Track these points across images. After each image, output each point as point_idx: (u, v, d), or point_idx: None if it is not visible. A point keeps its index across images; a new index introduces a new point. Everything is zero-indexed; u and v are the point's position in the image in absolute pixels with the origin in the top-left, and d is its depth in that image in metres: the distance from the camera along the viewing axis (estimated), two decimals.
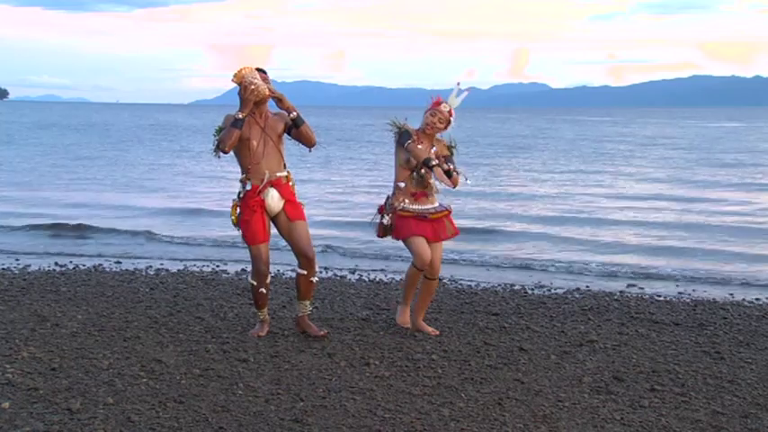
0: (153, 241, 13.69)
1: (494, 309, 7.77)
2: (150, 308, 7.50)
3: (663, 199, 20.03)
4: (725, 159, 34.09)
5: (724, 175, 26.68)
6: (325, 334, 6.41)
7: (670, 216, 17.02)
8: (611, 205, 18.88)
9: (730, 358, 6.16)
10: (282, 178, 6.31)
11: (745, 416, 4.91)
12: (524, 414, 4.83)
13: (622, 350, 6.32)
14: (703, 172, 27.86)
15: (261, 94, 6.12)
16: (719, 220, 16.33)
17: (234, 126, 6.14)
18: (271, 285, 6.57)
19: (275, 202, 6.25)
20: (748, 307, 8.24)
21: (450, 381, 5.43)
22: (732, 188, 22.60)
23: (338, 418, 4.69)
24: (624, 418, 4.80)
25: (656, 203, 19.20)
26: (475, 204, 18.42)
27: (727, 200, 19.86)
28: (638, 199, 20.20)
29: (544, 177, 26.41)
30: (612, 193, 21.45)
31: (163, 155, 36.66)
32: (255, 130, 6.21)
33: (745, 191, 21.77)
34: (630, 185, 23.76)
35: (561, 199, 20.19)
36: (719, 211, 17.92)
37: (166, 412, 4.72)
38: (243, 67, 6.20)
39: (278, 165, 6.28)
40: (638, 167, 30.39)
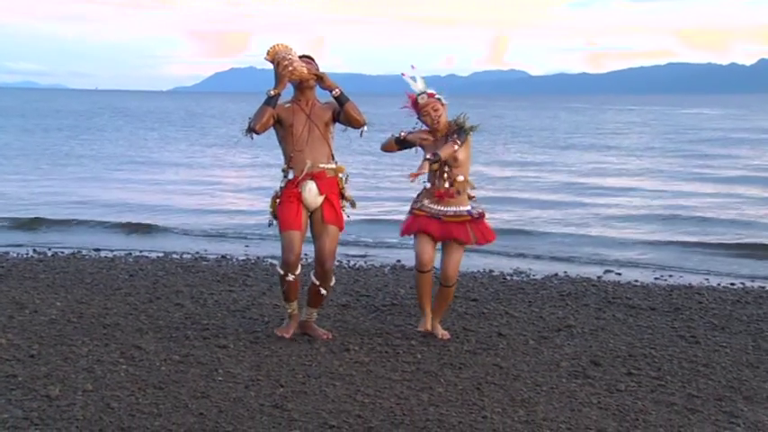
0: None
1: (473, 294, 7.80)
2: (130, 295, 7.47)
3: (641, 189, 20.11)
4: (702, 148, 34.31)
5: (702, 164, 26.85)
6: (331, 338, 5.97)
7: (648, 202, 17.13)
8: (589, 191, 18.97)
9: (705, 342, 6.21)
10: (327, 171, 5.83)
11: (719, 399, 4.96)
12: (503, 398, 4.85)
13: (599, 335, 6.36)
14: (681, 161, 28.01)
15: (297, 72, 5.69)
16: (698, 204, 16.49)
17: (266, 104, 5.75)
18: (300, 277, 5.94)
19: (312, 196, 5.79)
20: (723, 292, 8.31)
21: (430, 366, 5.45)
22: (709, 179, 22.70)
23: (318, 403, 4.70)
24: (601, 402, 4.84)
25: (635, 189, 19.31)
26: None
27: (705, 188, 19.96)
28: (615, 188, 20.29)
29: (522, 161, 26.49)
30: (590, 180, 21.51)
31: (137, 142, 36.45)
32: (300, 117, 5.79)
33: (722, 182, 21.88)
34: (610, 170, 23.85)
35: (540, 184, 20.26)
36: (698, 194, 18.09)
37: (146, 398, 4.71)
38: (277, 44, 5.82)
39: (323, 155, 5.81)
40: (619, 155, 30.52)
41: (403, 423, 4.43)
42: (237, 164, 26.41)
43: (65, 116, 61.45)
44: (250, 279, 8.40)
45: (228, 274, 8.69)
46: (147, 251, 10.66)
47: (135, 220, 14.03)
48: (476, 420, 4.49)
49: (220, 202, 17.24)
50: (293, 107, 5.82)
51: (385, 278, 8.60)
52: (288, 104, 5.85)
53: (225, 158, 28.23)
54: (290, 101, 5.88)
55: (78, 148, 31.19)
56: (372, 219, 13.77)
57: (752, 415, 4.69)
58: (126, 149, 31.24)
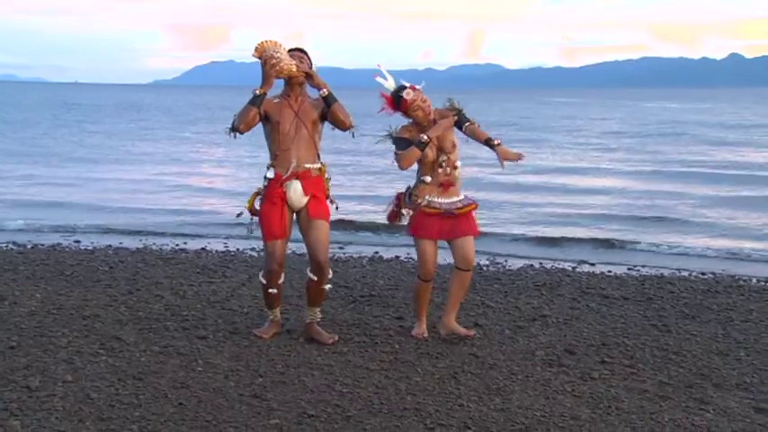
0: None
1: (448, 285, 7.79)
2: (109, 286, 7.42)
3: (615, 174, 20.20)
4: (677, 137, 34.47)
5: (678, 154, 26.97)
6: (335, 341, 5.69)
7: (622, 193, 17.20)
8: (565, 181, 19.03)
9: (677, 331, 6.26)
10: (312, 170, 5.56)
11: (689, 386, 5.00)
12: (479, 387, 4.87)
13: (574, 324, 6.39)
14: (658, 150, 28.11)
15: (285, 70, 5.42)
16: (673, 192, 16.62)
17: (251, 103, 5.47)
18: (283, 285, 5.82)
19: (297, 196, 5.52)
20: (694, 281, 8.38)
21: (407, 356, 5.46)
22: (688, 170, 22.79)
23: (297, 393, 4.69)
24: (575, 390, 4.86)
25: (609, 179, 19.39)
26: None
27: (682, 177, 20.06)
28: (591, 175, 20.37)
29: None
30: (567, 167, 21.57)
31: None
32: (287, 114, 5.50)
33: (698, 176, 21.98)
34: (586, 160, 23.93)
35: (516, 176, 20.28)
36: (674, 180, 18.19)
37: (126, 389, 4.69)
38: (265, 40, 5.53)
39: (308, 154, 5.54)
40: (596, 145, 30.65)
41: (381, 412, 4.43)
42: (216, 159, 26.31)
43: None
44: (229, 271, 8.37)
45: (208, 265, 8.66)
46: (128, 243, 10.60)
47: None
48: (452, 408, 4.50)
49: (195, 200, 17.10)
50: (282, 103, 5.55)
51: (363, 269, 8.59)
52: (276, 100, 5.58)
53: (204, 154, 28.11)
54: (280, 96, 5.61)
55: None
56: (351, 210, 13.75)
57: (721, 401, 4.74)
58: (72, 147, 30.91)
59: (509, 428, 4.26)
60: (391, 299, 7.14)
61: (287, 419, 4.30)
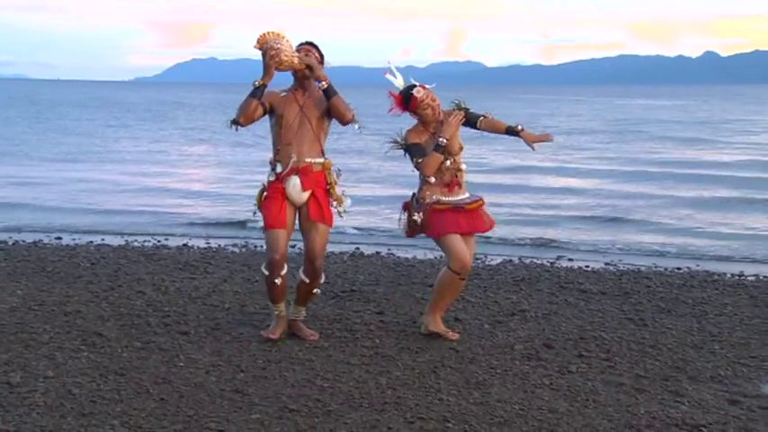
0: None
1: (430, 280, 7.80)
2: (91, 282, 7.38)
3: (595, 175, 20.27)
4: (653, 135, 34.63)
5: (652, 150, 27.10)
6: (315, 338, 5.64)
7: (600, 189, 17.27)
8: (541, 178, 19.09)
9: (653, 325, 6.30)
10: (314, 165, 5.41)
11: (665, 379, 5.03)
12: (458, 381, 4.88)
13: (552, 319, 6.42)
14: (635, 148, 28.24)
15: (285, 62, 5.29)
16: (647, 191, 16.67)
17: (251, 95, 5.33)
18: (286, 278, 5.53)
19: (296, 192, 5.39)
20: (670, 276, 8.43)
21: (388, 350, 5.46)
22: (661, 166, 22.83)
23: (278, 387, 4.69)
24: (553, 383, 4.88)
25: (585, 177, 19.46)
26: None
27: (656, 173, 20.14)
28: (569, 174, 20.44)
29: (493, 149, 26.60)
30: (544, 166, 21.63)
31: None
32: (292, 108, 5.38)
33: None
34: (563, 158, 24.00)
35: (493, 171, 20.32)
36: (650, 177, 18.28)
37: (107, 384, 4.67)
38: (267, 32, 5.39)
39: (311, 149, 5.39)
40: (573, 144, 30.75)
41: (361, 406, 4.44)
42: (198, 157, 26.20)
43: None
44: (211, 267, 8.35)
45: (190, 261, 8.62)
46: (109, 239, 10.54)
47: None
48: (432, 402, 4.51)
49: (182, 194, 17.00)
50: (288, 97, 5.43)
51: (344, 265, 8.59)
52: (284, 93, 5.47)
53: (186, 152, 27.98)
54: (288, 89, 5.50)
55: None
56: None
57: (696, 393, 4.77)
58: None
59: (488, 422, 4.27)
60: (372, 294, 7.14)
61: (268, 414, 4.30)
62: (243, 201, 14.84)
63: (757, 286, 7.89)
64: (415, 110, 5.55)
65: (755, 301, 7.20)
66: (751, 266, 9.39)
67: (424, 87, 5.56)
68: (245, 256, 9.10)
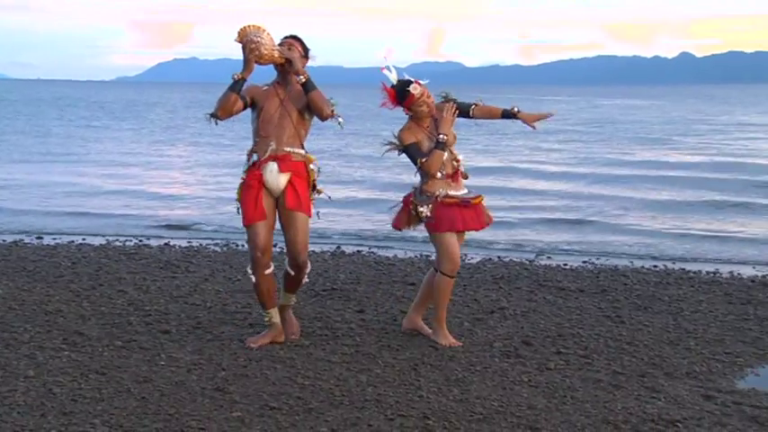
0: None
1: (410, 279, 7.82)
2: (72, 282, 7.33)
3: (572, 176, 20.30)
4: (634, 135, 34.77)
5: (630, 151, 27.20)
6: (297, 337, 5.55)
7: (576, 189, 17.32)
8: (519, 178, 19.13)
9: (630, 322, 6.33)
10: (293, 155, 5.26)
11: (642, 375, 5.07)
12: (438, 378, 4.89)
13: (531, 316, 6.44)
14: (609, 149, 28.33)
15: (265, 55, 5.17)
16: (621, 192, 16.69)
17: (230, 89, 5.21)
18: (273, 278, 5.40)
19: (273, 176, 5.20)
20: (647, 273, 8.48)
21: (368, 348, 5.46)
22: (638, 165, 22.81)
23: (259, 385, 4.68)
24: (532, 380, 4.90)
25: (564, 176, 19.51)
26: (393, 176, 18.47)
27: (632, 173, 20.16)
28: (545, 175, 20.49)
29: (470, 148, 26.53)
30: (522, 166, 21.68)
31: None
32: (273, 101, 5.27)
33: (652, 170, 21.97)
34: (540, 159, 24.06)
35: (472, 172, 20.19)
36: (625, 179, 18.33)
37: (88, 383, 4.64)
38: (247, 25, 5.26)
39: (290, 141, 5.26)
40: (549, 144, 30.84)
41: (342, 404, 4.43)
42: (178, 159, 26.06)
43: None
44: (192, 266, 8.31)
45: (171, 260, 8.59)
46: (90, 239, 10.47)
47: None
48: (412, 399, 4.52)
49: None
50: (269, 90, 5.33)
51: (325, 264, 8.58)
52: (266, 87, 5.38)
53: (168, 152, 27.81)
54: (271, 83, 5.41)
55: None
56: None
57: (672, 390, 4.81)
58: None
59: (467, 418, 4.28)
60: (353, 293, 7.13)
61: (249, 412, 4.29)
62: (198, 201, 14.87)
63: (731, 283, 7.96)
64: (411, 106, 5.46)
65: (730, 298, 7.26)
66: (725, 264, 9.45)
67: (419, 84, 5.47)
68: (226, 255, 9.07)
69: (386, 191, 15.86)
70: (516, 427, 4.18)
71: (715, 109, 62.60)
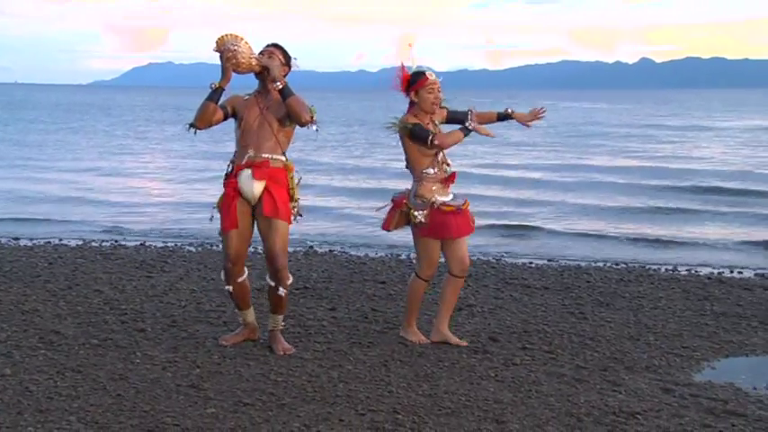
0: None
1: (381, 277, 7.83)
2: (49, 282, 7.25)
3: (537, 169, 20.37)
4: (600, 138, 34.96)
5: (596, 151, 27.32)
6: (291, 352, 5.23)
7: (537, 187, 17.40)
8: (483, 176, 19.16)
9: (592, 318, 6.38)
10: (271, 161, 5.05)
11: (604, 369, 5.10)
12: (408, 374, 4.89)
13: (497, 313, 6.46)
14: (577, 151, 28.46)
15: (243, 64, 5.00)
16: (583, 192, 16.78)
17: (208, 99, 5.03)
18: (246, 284, 5.28)
19: (248, 183, 5.00)
20: (609, 271, 8.55)
21: (340, 345, 5.45)
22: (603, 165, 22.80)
23: (233, 382, 4.65)
24: (498, 375, 4.92)
25: (527, 175, 19.57)
26: (369, 181, 18.48)
27: (594, 172, 20.25)
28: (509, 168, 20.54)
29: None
30: (486, 163, 21.70)
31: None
32: (253, 111, 5.09)
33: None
34: (507, 158, 24.10)
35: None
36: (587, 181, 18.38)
37: (64, 381, 4.58)
38: (225, 34, 5.06)
39: (269, 148, 5.06)
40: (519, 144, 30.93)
41: (314, 399, 4.42)
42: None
43: None
44: (168, 265, 8.25)
45: (147, 260, 8.52)
46: (67, 239, 10.36)
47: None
48: (382, 395, 4.51)
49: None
50: (250, 100, 5.15)
51: (298, 263, 8.55)
52: (247, 96, 5.20)
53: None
54: (253, 92, 5.22)
55: None
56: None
57: (632, 383, 4.84)
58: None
59: (436, 413, 4.28)
60: (325, 291, 7.12)
61: (223, 408, 4.26)
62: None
63: (689, 280, 8.05)
64: (420, 90, 5.29)
65: (687, 294, 7.33)
66: (683, 262, 9.54)
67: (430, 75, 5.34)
68: (201, 255, 9.02)
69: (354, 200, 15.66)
70: (483, 421, 4.19)
71: (671, 113, 62.97)
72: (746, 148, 28.46)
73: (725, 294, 7.34)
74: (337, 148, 27.48)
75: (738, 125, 43.41)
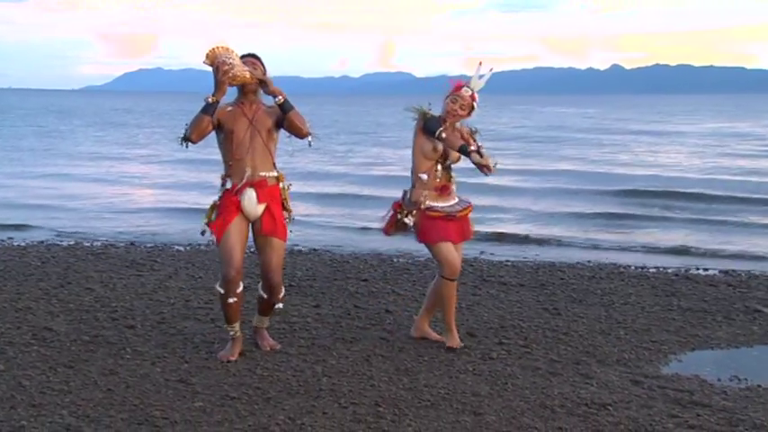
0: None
1: (363, 275, 7.82)
2: (42, 280, 7.19)
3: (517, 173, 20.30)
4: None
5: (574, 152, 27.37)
6: (277, 348, 5.21)
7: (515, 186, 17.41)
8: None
9: (566, 314, 6.40)
10: (269, 179, 4.91)
11: (576, 363, 5.12)
12: (389, 368, 4.89)
13: (475, 309, 6.48)
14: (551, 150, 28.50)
15: (239, 77, 4.79)
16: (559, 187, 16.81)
17: (204, 112, 4.78)
18: (243, 294, 5.09)
19: (252, 205, 4.84)
20: (581, 269, 8.58)
21: (324, 341, 5.44)
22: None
23: (220, 377, 4.64)
24: (476, 369, 4.93)
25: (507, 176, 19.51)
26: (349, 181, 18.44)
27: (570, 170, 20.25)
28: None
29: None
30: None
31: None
32: (242, 123, 4.84)
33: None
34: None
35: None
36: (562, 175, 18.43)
37: (57, 376, 4.56)
38: (216, 46, 4.84)
39: (264, 163, 4.88)
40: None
41: (298, 393, 4.41)
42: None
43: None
44: (157, 264, 8.21)
45: (137, 260, 8.47)
46: (59, 239, 10.28)
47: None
48: (365, 388, 4.51)
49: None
50: (235, 111, 4.89)
51: (283, 262, 8.51)
52: (230, 108, 4.92)
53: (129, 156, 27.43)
54: (233, 103, 4.96)
55: None
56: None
57: (603, 375, 4.87)
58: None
59: (416, 405, 4.29)
60: (309, 288, 7.11)
61: (210, 402, 4.25)
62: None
63: (658, 277, 8.09)
64: (451, 95, 5.18)
65: (656, 290, 7.38)
66: (652, 260, 9.59)
67: (473, 98, 5.19)
68: (189, 254, 8.98)
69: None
70: (461, 413, 4.20)
71: (639, 117, 63.26)
72: (707, 151, 28.50)
73: (691, 290, 7.39)
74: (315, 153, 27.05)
75: (701, 129, 43.68)
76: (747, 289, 7.47)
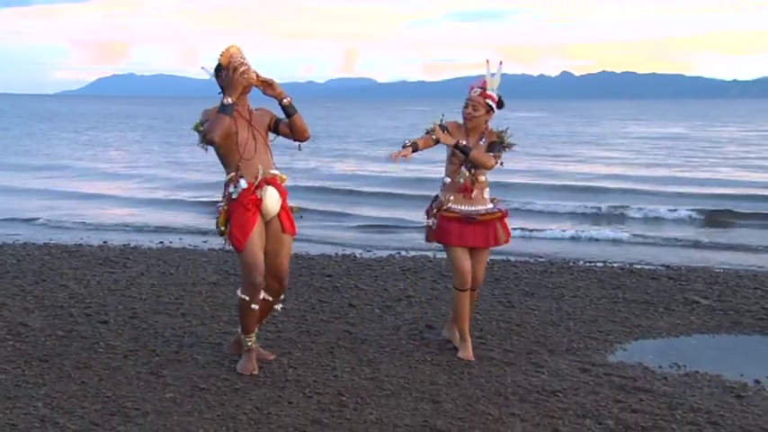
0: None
1: (327, 271, 7.80)
2: (17, 277, 7.05)
3: None
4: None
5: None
6: (272, 359, 4.85)
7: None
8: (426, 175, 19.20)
9: (519, 306, 6.45)
10: (277, 177, 4.61)
11: (529, 352, 5.16)
12: (352, 359, 4.88)
13: (434, 303, 6.49)
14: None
15: (254, 78, 4.51)
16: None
17: (223, 112, 4.42)
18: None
19: (274, 202, 4.51)
20: (534, 264, 8.65)
21: (289, 334, 5.42)
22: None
23: (190, 369, 4.59)
24: (434, 359, 4.94)
25: None
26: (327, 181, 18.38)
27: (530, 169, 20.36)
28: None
29: (370, 155, 26.66)
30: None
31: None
32: (242, 124, 4.53)
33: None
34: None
35: (388, 174, 20.33)
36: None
37: (32, 370, 4.48)
38: (231, 46, 4.53)
39: (269, 162, 4.59)
40: None
41: (265, 384, 4.39)
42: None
43: None
44: (129, 262, 8.10)
45: (110, 257, 8.35)
46: (34, 237, 10.10)
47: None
48: (328, 379, 4.50)
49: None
50: (233, 113, 4.52)
51: None
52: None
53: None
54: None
55: None
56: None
57: (554, 364, 4.91)
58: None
59: (377, 394, 4.29)
60: None
61: (181, 393, 4.20)
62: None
63: (604, 271, 8.18)
64: (470, 92, 4.96)
65: (603, 284, 7.46)
66: (599, 254, 9.70)
67: (484, 95, 4.93)
68: (160, 252, 8.87)
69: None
70: (420, 401, 4.21)
71: (584, 121, 63.85)
72: (654, 151, 29.02)
73: (635, 283, 7.49)
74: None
75: (647, 132, 44.32)
76: (686, 282, 7.59)
